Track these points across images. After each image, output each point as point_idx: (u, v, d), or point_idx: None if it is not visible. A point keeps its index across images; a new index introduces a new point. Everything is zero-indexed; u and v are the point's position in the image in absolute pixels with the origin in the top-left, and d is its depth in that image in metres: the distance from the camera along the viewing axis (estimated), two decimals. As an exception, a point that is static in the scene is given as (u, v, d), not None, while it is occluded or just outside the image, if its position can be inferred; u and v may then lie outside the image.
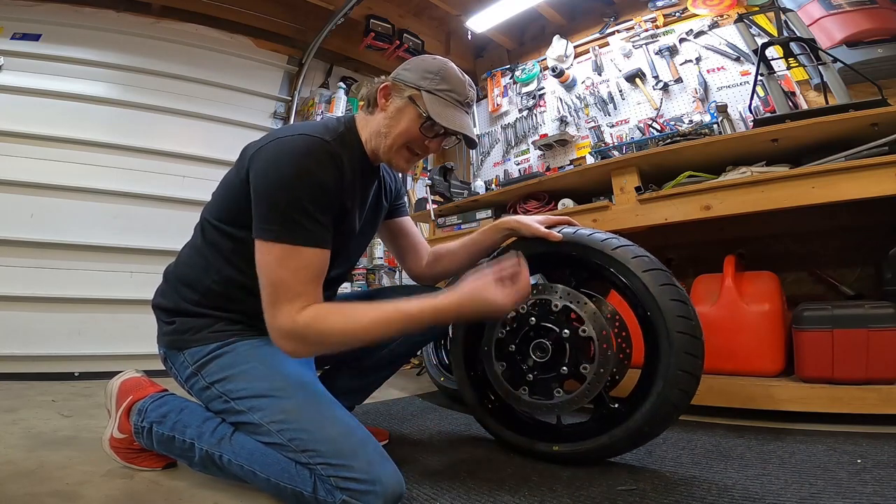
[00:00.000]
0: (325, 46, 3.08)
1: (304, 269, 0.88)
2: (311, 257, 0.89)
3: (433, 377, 1.92)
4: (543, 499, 0.89)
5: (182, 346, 0.99)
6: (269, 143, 0.93)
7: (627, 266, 1.01)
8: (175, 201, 2.59)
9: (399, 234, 1.28)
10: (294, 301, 0.87)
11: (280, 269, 0.87)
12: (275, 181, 0.88)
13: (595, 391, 1.03)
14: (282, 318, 0.87)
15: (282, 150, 0.90)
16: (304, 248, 0.88)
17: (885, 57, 1.85)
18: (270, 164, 0.90)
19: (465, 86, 1.02)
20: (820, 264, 1.79)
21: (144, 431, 0.99)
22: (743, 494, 0.86)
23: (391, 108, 1.00)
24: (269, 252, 0.88)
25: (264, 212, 0.89)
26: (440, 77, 0.99)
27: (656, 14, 2.68)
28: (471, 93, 1.03)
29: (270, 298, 0.88)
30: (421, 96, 0.98)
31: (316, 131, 0.94)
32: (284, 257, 0.87)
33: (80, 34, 2.51)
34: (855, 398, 1.25)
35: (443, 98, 0.98)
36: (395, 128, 0.99)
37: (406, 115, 0.99)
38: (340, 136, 0.99)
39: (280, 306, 0.87)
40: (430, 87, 0.98)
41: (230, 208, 0.97)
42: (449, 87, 0.99)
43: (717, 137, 1.62)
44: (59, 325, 2.26)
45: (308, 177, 0.88)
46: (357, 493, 0.78)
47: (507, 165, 3.28)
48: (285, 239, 0.87)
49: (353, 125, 1.04)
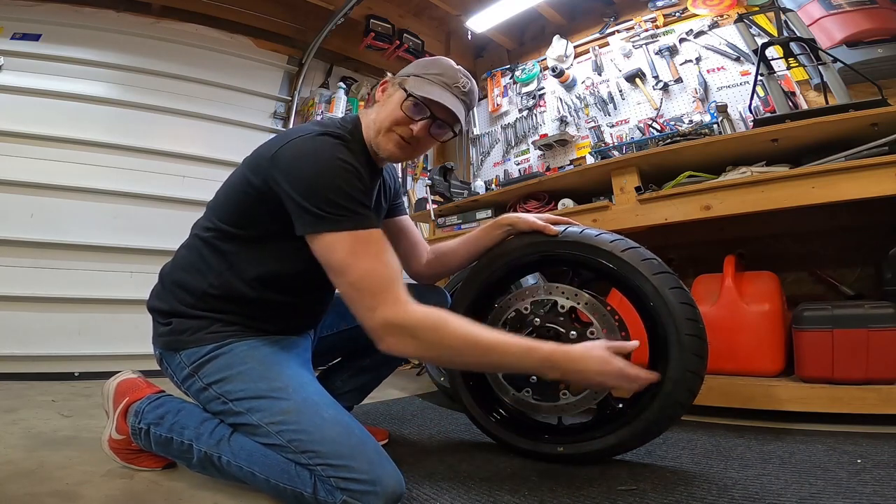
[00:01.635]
0: (325, 46, 3.08)
1: (383, 254, 0.87)
2: (383, 240, 0.88)
3: (433, 377, 1.92)
4: (543, 499, 0.89)
5: (178, 347, 0.98)
6: (288, 144, 0.91)
7: (637, 269, 1.01)
8: (175, 201, 2.58)
9: (398, 233, 1.27)
10: (393, 290, 0.83)
11: (361, 261, 0.85)
12: (313, 176, 0.86)
13: (603, 392, 1.03)
14: (388, 310, 0.82)
15: (309, 147, 0.90)
16: (373, 230, 0.88)
17: (885, 57, 1.85)
18: (302, 161, 0.88)
19: (458, 73, 1.01)
20: (820, 264, 1.79)
21: (142, 433, 0.99)
22: (743, 494, 0.86)
23: (385, 97, 1.03)
24: (337, 243, 0.85)
25: (313, 207, 0.85)
26: (431, 64, 1.02)
27: (656, 14, 2.68)
28: (463, 80, 1.01)
29: (364, 292, 0.84)
30: (408, 80, 0.99)
31: (331, 130, 0.95)
32: (359, 244, 0.85)
33: (80, 34, 2.50)
34: (855, 398, 1.25)
35: (428, 79, 0.99)
36: (383, 112, 1.00)
37: (393, 98, 1.00)
38: (349, 134, 1.00)
39: (380, 297, 0.83)
40: (418, 72, 1.00)
41: (240, 212, 0.96)
42: (437, 71, 1.00)
43: (717, 137, 1.62)
44: (59, 325, 2.25)
45: (345, 165, 0.88)
46: (357, 494, 0.78)
47: (507, 165, 3.28)
48: (350, 226, 0.85)
49: (358, 124, 1.05)
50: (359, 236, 0.86)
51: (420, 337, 0.84)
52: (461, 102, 1.01)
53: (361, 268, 0.84)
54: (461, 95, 1.01)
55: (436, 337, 0.83)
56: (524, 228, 1.14)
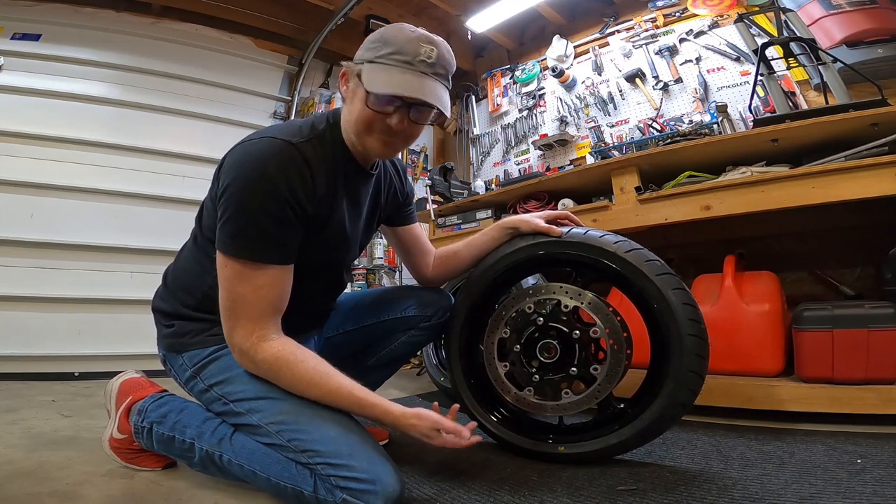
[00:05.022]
0: (325, 46, 3.08)
1: (264, 288, 0.87)
2: (272, 275, 0.88)
3: (433, 377, 1.92)
4: (543, 499, 0.89)
5: (181, 348, 0.99)
6: (235, 148, 0.90)
7: (641, 269, 1.02)
8: (175, 201, 2.59)
9: (409, 241, 1.25)
10: (255, 322, 0.87)
11: (239, 284, 0.86)
12: (233, 192, 0.84)
13: (606, 392, 1.04)
14: (240, 338, 0.87)
15: (243, 157, 0.87)
16: (265, 265, 0.87)
17: (885, 57, 1.85)
18: (232, 171, 0.86)
19: (416, 42, 0.86)
20: (820, 264, 1.79)
21: (144, 432, 0.99)
22: (743, 494, 0.86)
23: (349, 93, 0.93)
24: (227, 265, 0.87)
25: (224, 223, 0.86)
26: (381, 42, 0.88)
27: (656, 14, 2.68)
28: (425, 49, 0.85)
29: (229, 312, 0.88)
30: (363, 70, 0.88)
31: (285, 133, 0.89)
32: (243, 273, 0.86)
33: (80, 34, 2.51)
34: (855, 398, 1.25)
35: (383, 63, 0.86)
36: (353, 112, 0.91)
37: (357, 95, 0.90)
38: (319, 134, 0.94)
39: (239, 323, 0.87)
40: (371, 57, 0.87)
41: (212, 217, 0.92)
42: (392, 50, 0.86)
43: (717, 137, 1.62)
44: (59, 325, 2.26)
45: (267, 185, 0.84)
46: (357, 493, 0.78)
47: (507, 165, 3.28)
48: (244, 255, 0.86)
49: (339, 119, 0.97)
50: (249, 267, 0.86)
51: (260, 370, 0.88)
52: (432, 77, 0.87)
53: (237, 292, 0.87)
54: (429, 70, 0.86)
55: (270, 373, 0.87)
56: (528, 230, 1.14)
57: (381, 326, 1.21)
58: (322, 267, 1.04)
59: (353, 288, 2.93)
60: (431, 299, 1.22)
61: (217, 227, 0.88)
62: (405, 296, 1.23)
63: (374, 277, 3.13)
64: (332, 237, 1.00)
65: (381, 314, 1.21)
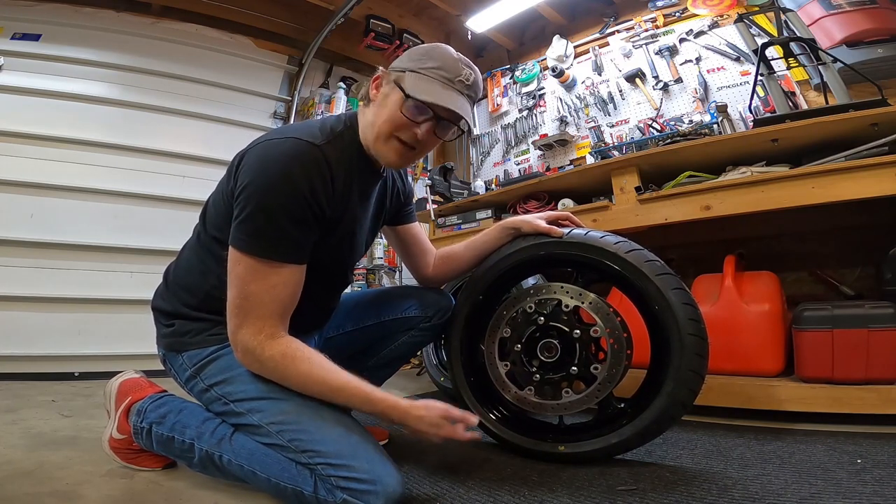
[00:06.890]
0: (326, 46, 3.08)
1: (278, 287, 0.87)
2: (286, 274, 0.88)
3: (433, 377, 1.92)
4: (543, 499, 0.89)
5: (181, 348, 0.99)
6: (255, 147, 0.90)
7: (641, 270, 1.02)
8: (175, 201, 2.59)
9: (409, 240, 1.25)
10: (265, 321, 0.86)
11: (253, 282, 0.86)
12: (254, 190, 0.85)
13: (606, 391, 1.04)
14: (246, 336, 0.86)
15: (266, 156, 0.87)
16: (281, 264, 0.87)
17: (885, 57, 1.85)
18: (253, 170, 0.86)
19: (459, 63, 0.93)
20: (820, 264, 1.79)
21: (143, 432, 0.99)
22: (743, 494, 0.86)
23: (380, 96, 0.95)
24: (241, 262, 0.86)
25: (241, 221, 0.86)
26: (427, 56, 0.93)
27: (656, 14, 2.68)
28: (465, 71, 0.93)
29: (238, 310, 0.87)
30: (405, 77, 0.92)
31: (306, 134, 0.90)
32: (258, 271, 0.86)
33: (80, 34, 2.51)
34: (855, 398, 1.25)
35: (426, 75, 0.91)
36: (381, 115, 0.93)
37: (391, 99, 0.93)
38: (338, 136, 0.95)
39: (248, 321, 0.86)
40: (414, 67, 0.92)
41: (224, 217, 0.93)
42: (436, 65, 0.91)
43: (717, 137, 1.62)
44: (59, 325, 2.26)
45: (289, 186, 0.85)
46: (357, 493, 0.78)
47: (507, 165, 3.28)
48: (261, 254, 0.85)
49: (354, 122, 1.00)
50: (265, 265, 0.86)
51: (266, 370, 0.88)
52: (466, 98, 0.94)
53: (250, 290, 0.86)
54: (465, 90, 0.93)
55: (277, 371, 0.87)
56: (529, 231, 1.14)
57: (381, 327, 1.22)
58: (331, 266, 1.04)
59: (353, 288, 2.93)
60: (432, 300, 1.22)
61: (233, 225, 0.88)
62: (406, 296, 1.23)
63: (374, 277, 3.13)
64: (343, 237, 1.01)
65: (382, 314, 1.22)
